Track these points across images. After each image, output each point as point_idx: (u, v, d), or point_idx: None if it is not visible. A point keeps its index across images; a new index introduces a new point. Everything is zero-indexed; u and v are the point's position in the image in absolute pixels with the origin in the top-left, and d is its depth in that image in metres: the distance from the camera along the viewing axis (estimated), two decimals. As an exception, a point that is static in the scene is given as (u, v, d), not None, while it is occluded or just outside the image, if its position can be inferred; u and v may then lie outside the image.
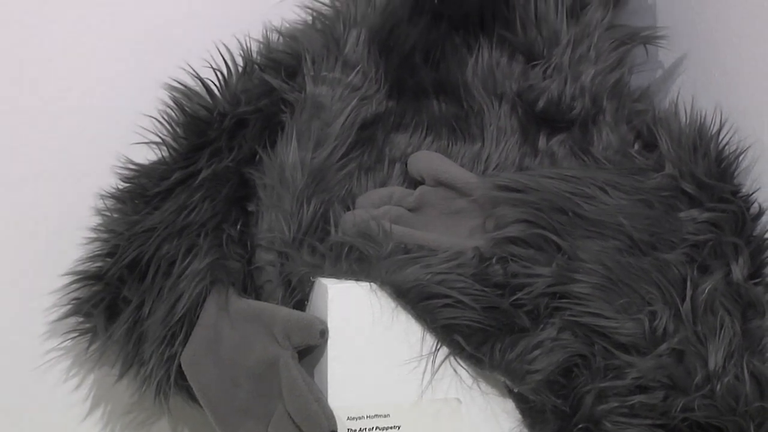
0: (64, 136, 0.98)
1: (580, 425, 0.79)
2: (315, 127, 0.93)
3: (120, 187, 0.97)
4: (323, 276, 0.86)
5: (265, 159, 0.94)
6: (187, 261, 0.92)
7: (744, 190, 0.89)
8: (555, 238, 0.83)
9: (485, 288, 0.81)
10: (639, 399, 0.78)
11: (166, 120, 0.97)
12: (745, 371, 0.79)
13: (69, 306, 0.97)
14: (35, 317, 1.00)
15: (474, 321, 0.80)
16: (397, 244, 0.85)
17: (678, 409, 0.77)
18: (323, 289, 0.82)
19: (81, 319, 0.97)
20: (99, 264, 0.95)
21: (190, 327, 0.92)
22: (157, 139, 0.97)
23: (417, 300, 0.81)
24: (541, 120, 0.99)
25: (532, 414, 0.81)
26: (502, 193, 0.87)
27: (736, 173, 0.90)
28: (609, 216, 0.84)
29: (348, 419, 0.80)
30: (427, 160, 0.96)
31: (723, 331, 0.80)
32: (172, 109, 0.97)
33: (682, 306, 0.80)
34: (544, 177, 0.88)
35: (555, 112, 0.98)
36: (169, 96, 0.98)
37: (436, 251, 0.84)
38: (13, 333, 0.99)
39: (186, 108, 0.96)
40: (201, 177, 0.94)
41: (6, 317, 0.99)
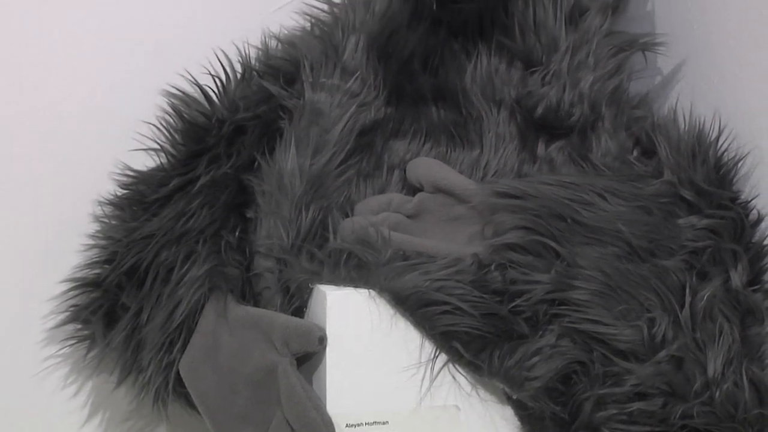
0: (62, 142, 0.98)
1: (578, 432, 0.79)
2: (313, 134, 0.93)
3: (118, 194, 0.97)
4: (322, 283, 0.85)
5: (264, 166, 0.94)
6: (186, 268, 0.92)
7: (743, 196, 0.89)
8: (554, 244, 0.83)
9: (484, 295, 0.81)
10: (638, 406, 0.78)
11: (164, 126, 0.97)
12: (744, 378, 0.79)
13: (67, 313, 0.97)
14: (34, 324, 0.99)
15: (473, 328, 0.80)
16: (396, 250, 0.85)
17: (677, 416, 0.77)
18: (322, 296, 0.82)
19: (79, 326, 0.97)
20: (97, 271, 0.95)
21: (188, 334, 0.92)
22: (156, 146, 0.98)
23: (416, 307, 0.81)
24: (540, 126, 0.99)
25: (530, 421, 0.81)
26: (500, 200, 0.87)
27: (734, 180, 0.90)
28: (608, 223, 0.84)
29: (347, 426, 0.80)
30: (426, 166, 0.96)
31: (722, 338, 0.80)
32: (170, 116, 0.97)
33: (681, 313, 0.80)
34: (542, 183, 0.88)
35: (554, 118, 0.98)
36: (168, 102, 0.98)
37: (434, 258, 0.84)
38: (12, 340, 0.99)
39: (184, 114, 0.96)
40: (199, 184, 0.94)
41: (4, 324, 0.99)
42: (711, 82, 0.96)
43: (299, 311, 0.88)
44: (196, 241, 0.93)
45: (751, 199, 0.89)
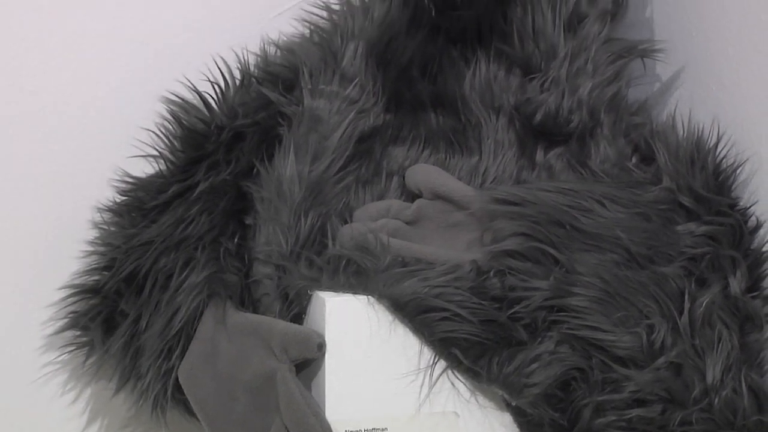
0: (60, 149, 0.98)
1: (577, 439, 0.79)
2: (312, 141, 0.93)
3: (117, 201, 0.97)
4: (321, 289, 0.85)
5: (263, 172, 0.94)
6: (185, 274, 0.92)
7: (742, 203, 0.89)
8: (552, 251, 0.83)
9: (483, 301, 0.81)
10: (637, 412, 0.78)
11: (163, 133, 0.97)
12: (743, 385, 0.79)
13: (66, 319, 0.97)
14: (32, 331, 0.99)
15: (472, 334, 0.80)
16: (395, 257, 0.85)
17: (676, 423, 0.77)
18: (321, 303, 0.82)
19: (78, 333, 0.97)
20: (96, 277, 0.95)
21: (187, 341, 0.92)
22: (155, 153, 0.97)
23: (415, 313, 0.81)
24: (539, 133, 0.99)
25: (529, 428, 0.81)
26: (499, 207, 0.87)
27: (733, 186, 0.90)
28: (606, 229, 0.84)
29: (345, 433, 0.80)
30: (425, 173, 0.96)
31: (721, 345, 0.80)
32: (169, 123, 0.97)
33: (679, 319, 0.80)
34: (541, 190, 0.88)
35: (552, 125, 0.98)
36: (167, 109, 0.98)
37: (433, 264, 0.84)
38: (10, 346, 0.99)
39: (183, 121, 0.96)
40: (198, 190, 0.94)
41: (3, 330, 0.99)
42: (710, 88, 0.96)
43: (298, 318, 0.88)
44: (195, 248, 0.93)
45: (750, 206, 0.89)
